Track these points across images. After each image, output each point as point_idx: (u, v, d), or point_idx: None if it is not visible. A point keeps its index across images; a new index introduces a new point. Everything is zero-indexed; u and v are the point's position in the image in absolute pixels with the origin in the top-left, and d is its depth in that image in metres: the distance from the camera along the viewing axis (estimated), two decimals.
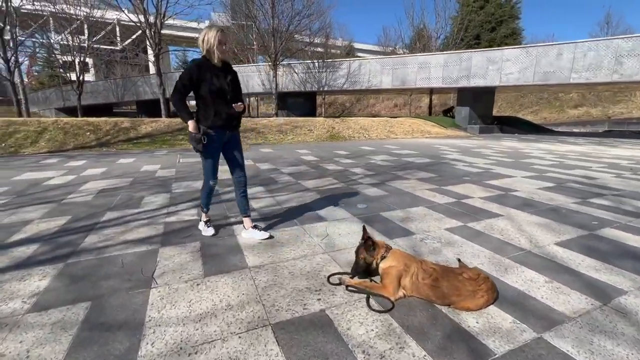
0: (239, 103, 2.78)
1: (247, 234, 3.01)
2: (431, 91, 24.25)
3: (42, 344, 1.63)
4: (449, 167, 7.09)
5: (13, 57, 15.87)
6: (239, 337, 1.70)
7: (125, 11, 17.48)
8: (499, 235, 3.15)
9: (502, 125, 20.58)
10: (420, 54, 19.73)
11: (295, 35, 17.99)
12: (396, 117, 19.94)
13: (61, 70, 24.93)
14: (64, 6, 20.65)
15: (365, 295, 2.08)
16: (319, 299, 2.05)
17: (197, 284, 2.21)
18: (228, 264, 2.50)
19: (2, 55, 15.02)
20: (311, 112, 22.61)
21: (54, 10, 20.35)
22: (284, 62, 20.24)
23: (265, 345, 1.63)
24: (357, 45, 48.42)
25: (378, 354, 1.58)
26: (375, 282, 2.19)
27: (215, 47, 2.63)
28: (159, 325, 1.78)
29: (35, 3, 18.89)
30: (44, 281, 2.23)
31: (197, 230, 3.16)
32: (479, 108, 19.35)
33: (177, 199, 4.33)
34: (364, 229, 2.22)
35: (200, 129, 2.71)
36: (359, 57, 24.07)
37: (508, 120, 22.94)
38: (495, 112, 26.52)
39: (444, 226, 3.38)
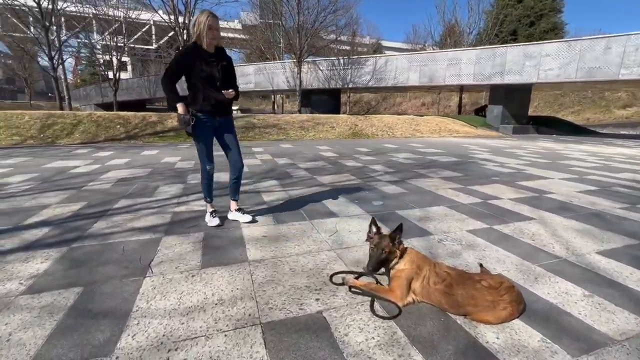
0: (230, 90, 2.75)
1: (231, 216, 3.14)
2: (461, 89, 23.19)
3: (26, 328, 1.58)
4: (477, 167, 6.63)
5: (57, 55, 16.97)
6: (225, 335, 1.56)
7: (160, 12, 18.15)
8: (530, 240, 2.80)
9: (539, 125, 19.24)
10: (450, 49, 18.87)
11: (321, 32, 17.79)
12: (422, 116, 19.25)
13: (101, 68, 26.46)
14: (105, 8, 21.82)
15: (369, 299, 1.87)
16: (317, 299, 1.86)
17: (192, 275, 2.10)
18: (228, 257, 2.38)
19: (47, 53, 16.11)
20: (335, 109, 22.37)
21: (95, 12, 21.54)
22: (309, 59, 20.15)
23: (251, 347, 1.48)
24: (384, 44, 47.44)
25: None
26: (382, 284, 1.98)
27: (205, 32, 2.60)
28: (145, 317, 1.68)
29: (78, 5, 20.06)
30: (45, 264, 2.22)
31: (204, 221, 3.08)
32: (513, 107, 18.20)
33: (190, 190, 4.31)
34: (373, 221, 1.99)
35: (190, 112, 2.70)
36: (386, 54, 23.50)
37: (546, 121, 21.45)
38: (531, 112, 24.94)
39: (466, 227, 3.07)
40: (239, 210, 3.14)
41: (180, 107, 2.64)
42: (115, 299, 1.84)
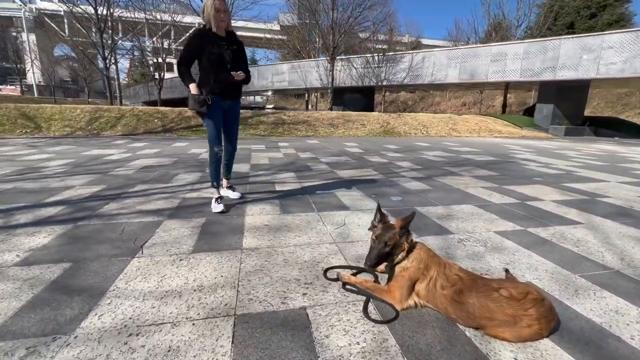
0: (239, 72, 2.79)
1: (223, 192, 3.24)
2: (506, 86, 21.53)
3: (3, 298, 1.56)
4: (517, 166, 5.98)
5: (110, 56, 18.40)
6: (193, 324, 1.41)
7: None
8: (573, 246, 2.36)
9: (598, 127, 17.25)
10: (494, 44, 17.53)
11: (355, 28, 17.43)
12: (461, 115, 18.15)
13: (150, 69, 28.36)
14: (155, 13, 23.30)
15: (364, 299, 1.62)
16: (304, 294, 1.66)
17: (180, 260, 2.00)
18: (222, 243, 2.25)
19: (101, 54, 17.53)
20: (368, 108, 21.85)
21: (146, 17, 23.09)
22: (342, 57, 19.90)
23: (216, 340, 1.31)
24: (425, 42, 45.58)
25: None
26: (379, 283, 1.72)
27: (212, 15, 2.67)
28: (119, 297, 1.59)
29: (130, 10, 21.61)
30: (46, 239, 2.25)
31: (210, 209, 3.01)
32: (566, 106, 16.47)
33: (206, 178, 4.30)
34: (379, 208, 1.70)
35: (203, 92, 2.74)
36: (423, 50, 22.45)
37: (606, 122, 19.17)
38: (588, 113, 22.54)
39: (495, 228, 2.68)
40: (229, 187, 3.37)
41: (192, 88, 2.69)
42: (97, 277, 1.77)
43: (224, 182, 3.36)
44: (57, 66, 37.54)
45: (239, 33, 3.17)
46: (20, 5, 41.54)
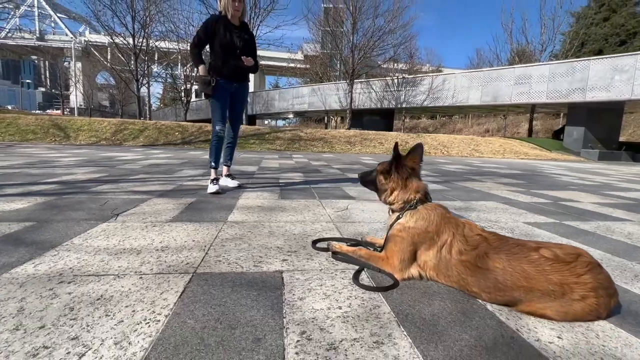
0: (249, 57, 2.85)
1: (222, 181, 3.09)
2: (532, 110, 20.83)
3: None
4: (547, 179, 5.47)
5: (142, 79, 19.65)
6: (140, 277, 1.15)
7: None
8: (624, 238, 1.94)
9: (636, 152, 16.08)
10: (517, 65, 17.18)
11: (375, 51, 17.74)
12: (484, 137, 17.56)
13: (181, 94, 30.08)
14: (186, 45, 24.92)
15: (356, 268, 1.31)
16: (284, 260, 1.37)
17: (154, 226, 1.77)
18: (205, 217, 2.01)
19: (134, 75, 18.76)
20: (387, 131, 21.72)
21: (179, 48, 24.75)
22: (362, 80, 20.16)
23: (161, 293, 1.04)
24: (445, 71, 45.97)
25: (324, 344, 0.83)
26: (376, 250, 1.41)
27: (229, 4, 2.76)
28: (69, 251, 1.37)
29: (166, 40, 23.25)
30: (23, 205, 2.10)
31: (205, 193, 2.81)
32: (599, 129, 15.56)
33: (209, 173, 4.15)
34: (396, 146, 1.34)
35: (211, 74, 2.78)
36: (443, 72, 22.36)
37: None
38: (623, 139, 21.27)
39: (524, 220, 2.29)
40: (228, 175, 3.20)
41: (201, 69, 2.78)
42: (55, 234, 1.57)
43: (224, 169, 3.20)
44: (97, 90, 40.65)
45: (263, 62, 3.35)
46: (72, 37, 46.16)
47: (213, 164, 2.91)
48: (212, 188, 2.74)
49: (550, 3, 24.80)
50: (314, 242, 1.58)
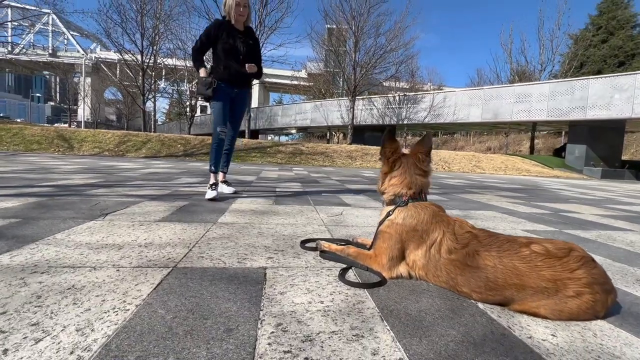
0: (252, 64, 2.82)
1: (218, 187, 2.98)
2: (533, 127, 20.91)
3: None
4: (548, 193, 5.40)
5: (148, 94, 20.07)
6: (117, 270, 1.11)
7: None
8: (626, 245, 1.87)
9: (639, 171, 15.96)
10: (517, 84, 17.39)
11: (377, 68, 18.08)
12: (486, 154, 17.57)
13: (186, 110, 30.67)
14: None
15: (343, 266, 1.26)
16: (270, 258, 1.32)
17: (141, 225, 1.73)
18: (196, 218, 1.98)
19: (140, 90, 19.17)
20: None
21: (186, 65, 25.41)
22: (363, 96, 20.44)
23: (135, 285, 1.00)
24: (446, 89, 46.67)
25: (300, 335, 0.78)
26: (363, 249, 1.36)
27: (233, 8, 2.73)
28: (49, 245, 1.33)
29: (173, 58, 23.90)
30: (14, 204, 2.08)
31: (199, 198, 2.78)
32: (601, 147, 15.53)
33: (207, 180, 4.14)
34: (388, 130, 1.33)
35: (212, 77, 2.75)
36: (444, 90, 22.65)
37: None
38: (626, 157, 21.21)
39: (523, 227, 2.23)
40: (224, 182, 3.13)
41: (202, 72, 2.76)
42: (40, 230, 1.54)
43: (220, 175, 3.12)
44: (105, 105, 41.46)
45: (267, 80, 3.38)
46: (83, 54, 47.65)
47: (213, 167, 2.86)
48: (210, 194, 2.68)
49: (548, 25, 25.38)
50: (303, 242, 1.53)
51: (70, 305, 0.86)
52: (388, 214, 1.25)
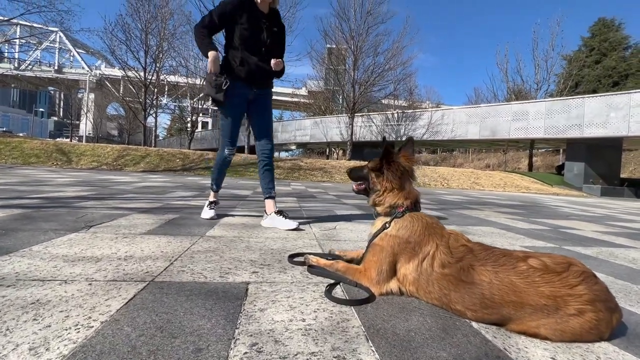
0: (278, 60, 2.17)
1: (267, 222, 2.18)
2: (531, 145, 21.06)
3: None
4: (548, 209, 5.34)
5: (150, 109, 20.33)
6: (90, 284, 1.04)
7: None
8: (628, 263, 1.81)
9: (639, 189, 15.93)
10: (514, 102, 17.64)
11: (375, 87, 18.40)
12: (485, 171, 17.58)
13: (187, 125, 31.02)
14: (195, 79, 26.07)
15: (331, 282, 1.20)
16: (254, 272, 1.26)
17: (125, 237, 1.67)
18: (183, 231, 1.92)
19: (142, 105, 19.43)
20: None
21: (188, 82, 25.87)
22: (362, 113, 20.67)
23: (105, 300, 0.93)
24: (444, 107, 47.35)
25: (275, 357, 0.71)
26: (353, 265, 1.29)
27: None
28: (23, 257, 1.27)
29: (176, 75, 24.35)
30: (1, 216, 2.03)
31: (191, 211, 2.73)
32: (599, 165, 15.57)
33: (201, 194, 4.09)
34: (384, 140, 1.32)
35: (223, 74, 2.10)
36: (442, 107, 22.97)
37: None
38: (625, 175, 21.24)
39: (521, 244, 2.17)
40: (279, 213, 2.18)
41: (211, 61, 2.00)
42: (18, 241, 1.48)
43: (270, 203, 2.26)
44: (106, 120, 41.91)
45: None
46: (88, 71, 48.64)
47: (214, 185, 2.38)
48: (207, 213, 2.32)
49: (542, 46, 26.04)
50: (291, 256, 1.47)
51: (30, 321, 0.79)
52: (384, 227, 1.19)
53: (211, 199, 2.40)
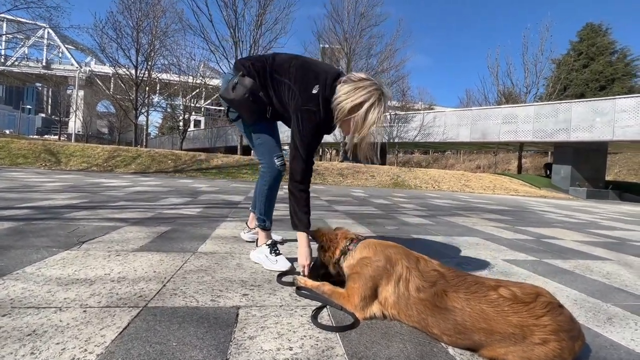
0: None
1: (254, 255, 1.78)
2: (520, 147, 21.47)
3: None
4: (534, 215, 5.49)
5: (141, 108, 20.09)
6: (84, 311, 1.08)
7: None
8: (602, 277, 1.91)
9: (623, 191, 16.40)
10: (504, 105, 17.99)
11: None
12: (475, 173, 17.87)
13: (179, 124, 30.73)
14: (188, 78, 25.83)
15: (319, 305, 1.25)
16: (245, 295, 1.30)
17: (118, 255, 1.70)
18: (175, 247, 1.95)
19: (133, 104, 19.19)
20: (380, 165, 22.02)
21: (180, 80, 25.63)
22: None
23: (100, 329, 0.97)
24: (436, 109, 47.81)
25: None
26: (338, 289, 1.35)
27: (369, 125, 1.51)
28: (16, 280, 1.29)
29: (167, 73, 24.11)
30: None
31: (183, 221, 2.75)
32: (585, 168, 15.98)
33: (194, 202, 4.11)
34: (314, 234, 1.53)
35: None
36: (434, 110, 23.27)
37: (631, 187, 18.33)
38: (610, 178, 21.81)
39: (503, 257, 2.26)
40: (272, 248, 1.75)
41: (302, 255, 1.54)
42: (10, 261, 1.50)
43: (260, 236, 1.88)
44: (96, 118, 41.22)
45: None
46: (78, 67, 47.73)
47: (267, 221, 1.90)
48: (281, 263, 1.64)
49: (532, 50, 26.46)
50: (280, 276, 1.52)
51: (28, 355, 0.83)
52: (347, 260, 1.30)
53: (267, 240, 1.80)
